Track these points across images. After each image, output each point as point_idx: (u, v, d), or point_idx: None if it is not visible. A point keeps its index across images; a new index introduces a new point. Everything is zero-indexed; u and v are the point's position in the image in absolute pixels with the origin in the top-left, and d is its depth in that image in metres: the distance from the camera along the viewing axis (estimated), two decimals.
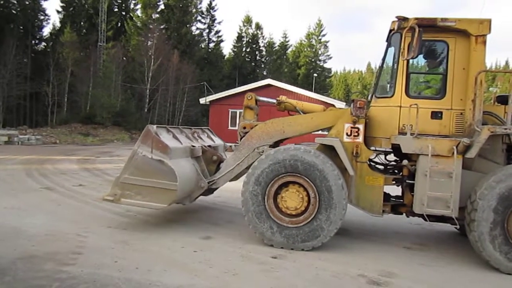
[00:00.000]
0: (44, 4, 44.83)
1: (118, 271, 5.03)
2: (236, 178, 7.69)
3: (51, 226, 6.94)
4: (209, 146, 8.10)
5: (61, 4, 46.40)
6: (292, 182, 6.35)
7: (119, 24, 50.03)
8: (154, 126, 6.89)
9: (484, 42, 6.13)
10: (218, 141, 8.97)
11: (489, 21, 6.11)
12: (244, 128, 7.53)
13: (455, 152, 5.92)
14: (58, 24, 46.23)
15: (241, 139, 7.46)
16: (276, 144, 7.35)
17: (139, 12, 51.48)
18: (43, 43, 45.53)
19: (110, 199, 6.83)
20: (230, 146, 10.43)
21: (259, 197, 6.35)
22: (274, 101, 7.99)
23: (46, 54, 41.33)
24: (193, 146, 7.46)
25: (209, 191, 7.77)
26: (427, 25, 6.13)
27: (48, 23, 48.89)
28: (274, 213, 6.34)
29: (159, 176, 6.53)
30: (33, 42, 43.82)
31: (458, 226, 6.24)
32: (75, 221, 7.36)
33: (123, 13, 51.50)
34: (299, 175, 6.26)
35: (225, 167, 7.50)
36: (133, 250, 5.90)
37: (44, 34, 45.70)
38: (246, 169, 7.44)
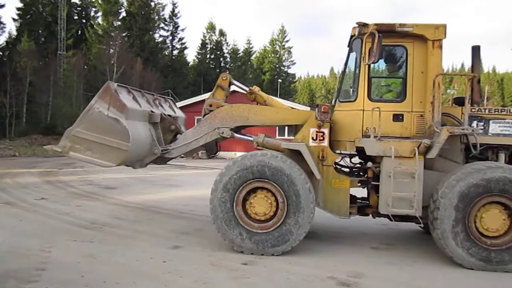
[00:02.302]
0: None
1: (85, 286, 4.89)
2: (190, 153, 7.70)
3: (12, 242, 6.68)
4: (169, 115, 7.98)
5: (17, 12, 44.73)
6: (260, 187, 6.37)
7: (80, 32, 48.76)
8: (115, 84, 6.71)
9: (441, 46, 6.39)
10: (179, 113, 8.88)
11: (444, 26, 6.36)
12: (211, 106, 7.53)
13: (417, 153, 6.11)
14: (14, 33, 44.55)
15: (204, 116, 7.47)
16: (238, 129, 7.40)
17: (100, 20, 50.40)
18: None
19: (58, 150, 6.69)
20: (197, 153, 10.35)
21: (228, 204, 6.33)
22: (247, 89, 8.06)
23: (3, 63, 39.53)
24: (152, 112, 7.36)
25: (162, 160, 7.66)
26: (386, 31, 6.32)
27: (3, 31, 46.76)
28: (243, 219, 6.34)
29: (112, 134, 6.42)
30: None
31: (422, 225, 6.43)
32: (38, 236, 7.11)
33: (84, 20, 50.26)
34: (267, 180, 6.29)
35: (182, 139, 7.46)
36: (100, 263, 5.75)
37: (0, 43, 44.07)
38: (201, 147, 7.51)
